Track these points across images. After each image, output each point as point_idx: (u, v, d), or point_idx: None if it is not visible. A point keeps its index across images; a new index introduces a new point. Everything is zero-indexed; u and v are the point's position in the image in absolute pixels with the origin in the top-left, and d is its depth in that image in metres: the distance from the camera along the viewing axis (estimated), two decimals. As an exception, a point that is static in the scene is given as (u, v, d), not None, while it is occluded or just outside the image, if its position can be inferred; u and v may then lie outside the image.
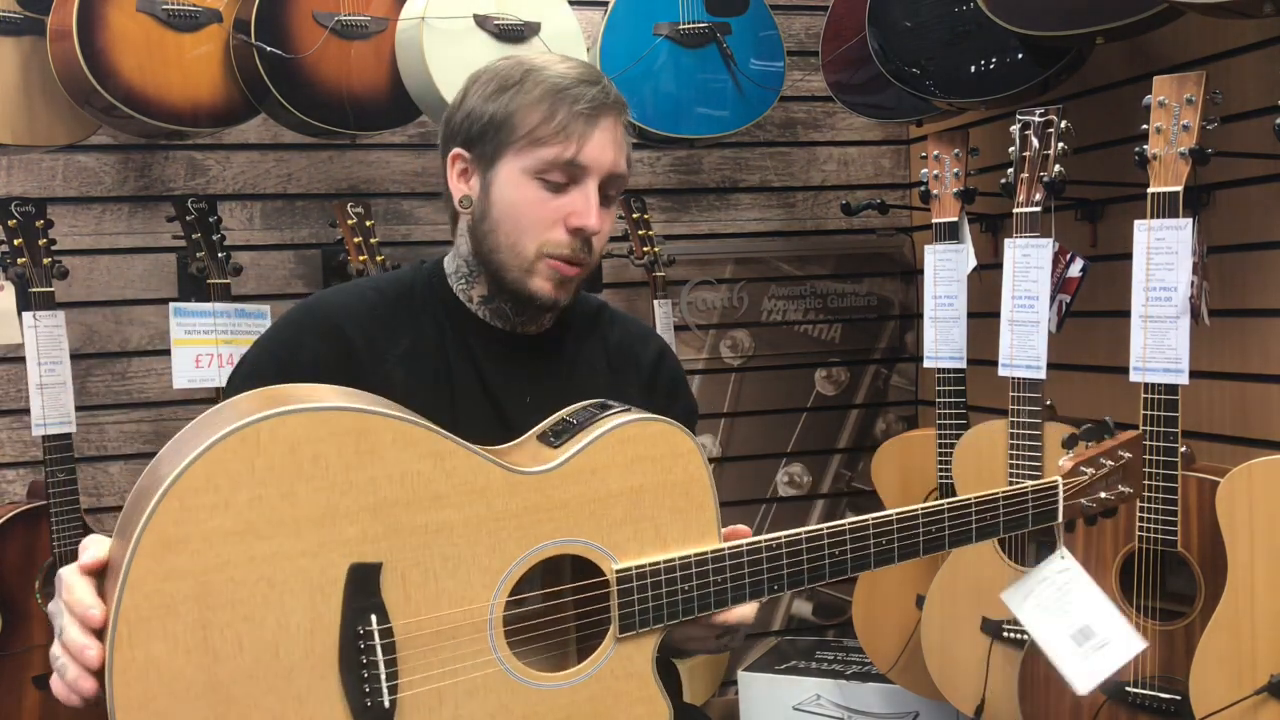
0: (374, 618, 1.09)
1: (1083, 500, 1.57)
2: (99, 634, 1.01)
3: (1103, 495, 1.59)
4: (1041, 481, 1.54)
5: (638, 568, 1.25)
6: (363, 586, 1.09)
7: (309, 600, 1.06)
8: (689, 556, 1.28)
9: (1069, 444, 1.60)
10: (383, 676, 1.10)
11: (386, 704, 1.10)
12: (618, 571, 1.25)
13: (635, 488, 1.27)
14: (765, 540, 1.32)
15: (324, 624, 1.07)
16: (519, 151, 1.40)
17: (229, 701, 1.02)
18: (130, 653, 0.99)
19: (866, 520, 1.37)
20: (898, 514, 1.39)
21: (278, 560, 1.05)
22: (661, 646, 1.29)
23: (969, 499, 1.45)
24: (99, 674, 1.00)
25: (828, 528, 1.34)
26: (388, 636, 1.10)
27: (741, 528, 1.37)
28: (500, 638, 1.18)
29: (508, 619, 1.19)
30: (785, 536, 1.32)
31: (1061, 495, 1.55)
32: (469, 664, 1.16)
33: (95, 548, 1.06)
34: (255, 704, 1.03)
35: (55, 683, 1.03)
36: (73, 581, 1.03)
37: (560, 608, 1.27)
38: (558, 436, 1.28)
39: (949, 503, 1.43)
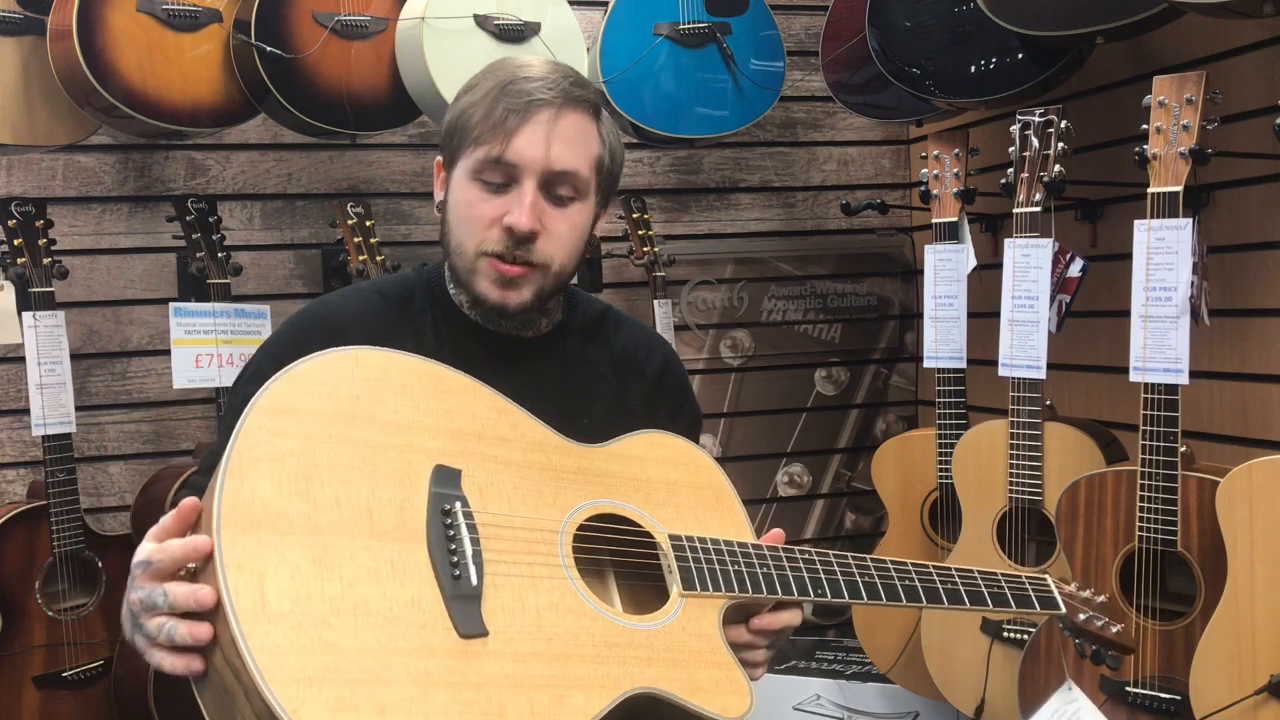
0: (459, 503, 1.17)
1: (1079, 610, 1.57)
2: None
3: (1097, 625, 1.57)
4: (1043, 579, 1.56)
5: (688, 537, 1.32)
6: (446, 482, 1.18)
7: (398, 484, 1.15)
8: (733, 542, 1.35)
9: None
10: (468, 552, 1.14)
11: (474, 580, 1.13)
12: (671, 536, 1.31)
13: (671, 481, 1.37)
14: (811, 551, 1.37)
15: (412, 506, 1.15)
16: (466, 154, 1.39)
17: (325, 547, 1.07)
18: (239, 483, 1.06)
19: (906, 564, 1.43)
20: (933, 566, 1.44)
21: (370, 447, 1.16)
22: None
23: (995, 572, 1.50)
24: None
25: (892, 561, 1.42)
26: (470, 519, 1.17)
27: (777, 531, 1.41)
28: (573, 568, 1.22)
29: (577, 556, 1.23)
30: (834, 553, 1.39)
31: (1057, 590, 1.55)
32: (545, 576, 1.19)
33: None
34: (350, 557, 1.08)
35: (162, 655, 1.04)
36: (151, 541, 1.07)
37: (623, 562, 1.32)
38: (589, 441, 1.38)
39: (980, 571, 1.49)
